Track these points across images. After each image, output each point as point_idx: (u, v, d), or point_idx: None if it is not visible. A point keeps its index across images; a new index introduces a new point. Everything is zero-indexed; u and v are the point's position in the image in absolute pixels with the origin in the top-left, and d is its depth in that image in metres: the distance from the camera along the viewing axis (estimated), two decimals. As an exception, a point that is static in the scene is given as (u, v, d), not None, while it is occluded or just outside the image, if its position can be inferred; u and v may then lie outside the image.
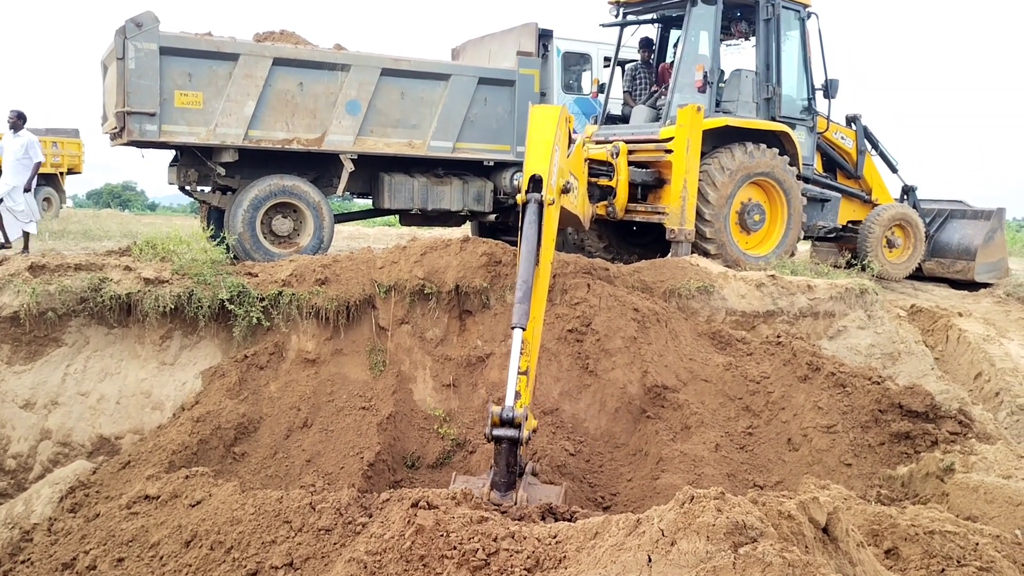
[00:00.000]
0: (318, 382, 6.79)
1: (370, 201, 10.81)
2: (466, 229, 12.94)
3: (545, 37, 11.17)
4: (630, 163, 9.32)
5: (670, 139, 9.14)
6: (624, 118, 10.69)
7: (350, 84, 9.47)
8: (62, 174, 22.04)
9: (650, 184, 9.52)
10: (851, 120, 11.27)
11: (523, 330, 4.79)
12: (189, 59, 8.71)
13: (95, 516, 5.07)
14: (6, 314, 6.32)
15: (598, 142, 9.74)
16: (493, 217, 11.17)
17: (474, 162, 10.55)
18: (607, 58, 11.35)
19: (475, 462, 6.30)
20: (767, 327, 7.88)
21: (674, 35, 10.69)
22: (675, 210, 9.06)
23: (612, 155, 9.13)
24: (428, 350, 7.15)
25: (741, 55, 10.55)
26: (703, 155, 9.17)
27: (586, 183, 8.36)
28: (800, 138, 10.08)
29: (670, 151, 9.14)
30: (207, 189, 9.84)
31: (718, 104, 9.60)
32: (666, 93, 9.88)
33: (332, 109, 9.44)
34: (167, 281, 6.75)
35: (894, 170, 11.77)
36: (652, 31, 10.95)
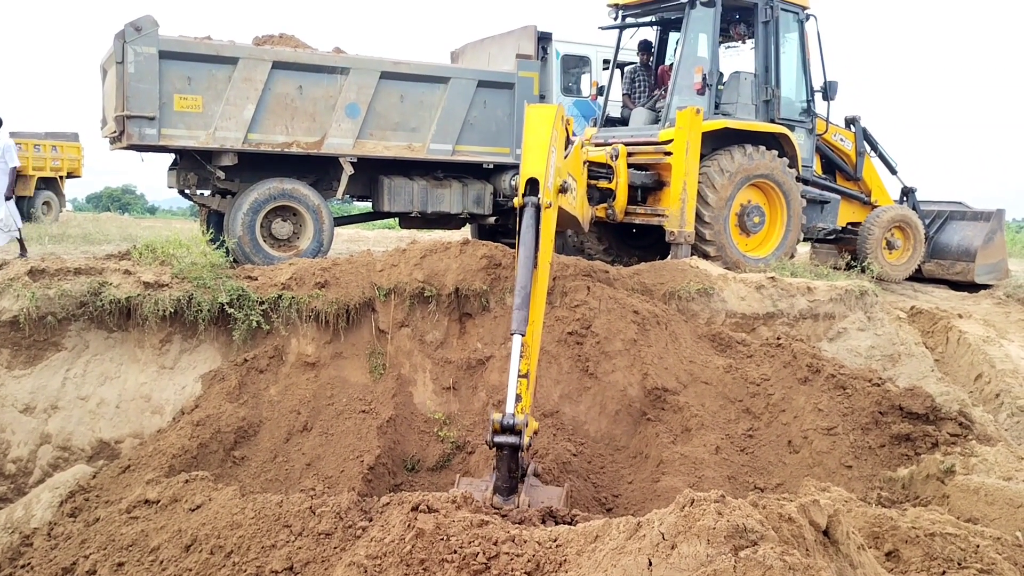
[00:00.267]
0: (318, 385, 6.79)
1: (370, 204, 10.80)
2: (466, 232, 12.93)
3: (544, 40, 11.18)
4: (629, 165, 9.33)
5: (669, 141, 9.16)
6: (623, 120, 10.71)
7: (349, 87, 9.48)
8: (62, 178, 22.04)
9: (649, 186, 9.53)
10: (850, 122, 11.27)
11: (522, 336, 4.77)
12: (188, 63, 8.70)
13: (95, 520, 5.07)
14: (6, 318, 6.32)
15: (597, 144, 9.75)
16: (493, 220, 11.17)
17: (474, 165, 10.55)
18: (606, 60, 11.36)
19: (474, 462, 6.30)
20: (767, 329, 7.88)
21: (673, 37, 10.71)
22: (675, 212, 9.07)
23: (611, 157, 9.14)
24: (428, 353, 7.15)
25: (740, 57, 10.58)
26: (702, 157, 9.18)
27: (585, 185, 8.36)
28: (799, 140, 10.09)
29: (669, 153, 9.15)
30: (207, 193, 9.83)
31: (717, 106, 9.61)
32: (665, 95, 9.90)
33: (331, 112, 9.44)
34: (167, 285, 6.75)
35: (893, 172, 11.78)
36: (651, 33, 10.97)
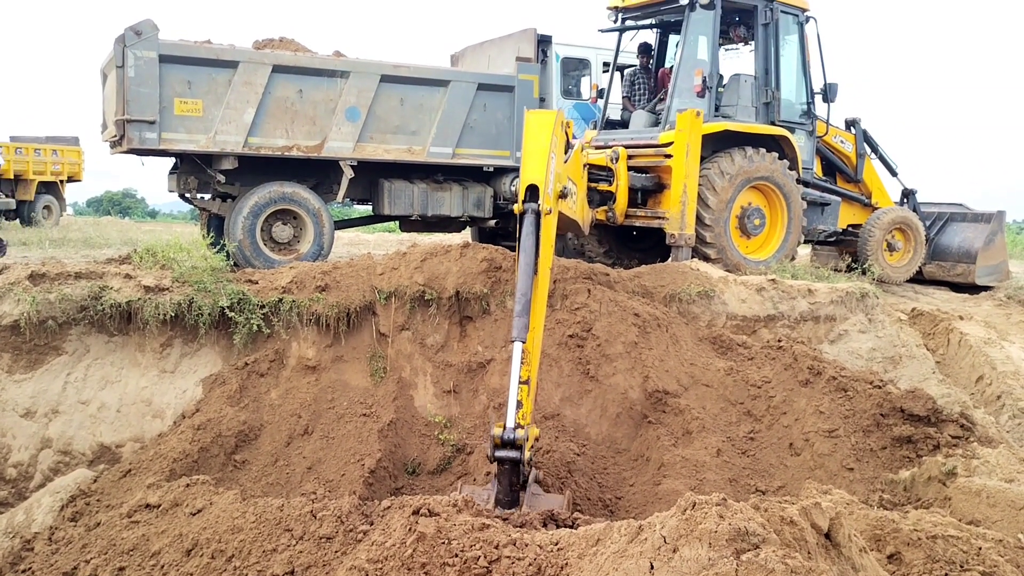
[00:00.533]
0: (319, 389, 6.78)
1: (370, 207, 10.82)
2: (466, 235, 12.94)
3: (544, 43, 11.20)
4: (630, 168, 9.33)
5: (670, 144, 9.15)
6: (623, 123, 10.71)
7: (349, 91, 9.49)
8: (62, 182, 22.09)
9: (650, 189, 9.53)
10: (850, 124, 11.26)
11: (523, 343, 4.77)
12: (188, 67, 8.72)
13: (96, 525, 5.06)
14: (6, 323, 6.31)
15: (597, 147, 9.75)
16: (493, 223, 11.18)
17: (474, 168, 10.56)
18: (606, 63, 11.37)
19: (473, 462, 6.31)
20: (768, 331, 7.88)
21: (673, 40, 10.71)
22: (675, 215, 9.06)
23: (611, 160, 9.14)
24: (429, 356, 7.15)
25: (740, 60, 10.57)
26: (703, 160, 9.18)
27: (585, 188, 8.36)
28: (799, 142, 10.08)
29: (670, 156, 9.14)
30: (207, 196, 9.85)
31: (717, 109, 9.61)
32: (665, 98, 9.90)
33: (332, 116, 9.45)
34: (167, 289, 6.74)
35: (894, 173, 11.77)
36: (651, 36, 10.96)
